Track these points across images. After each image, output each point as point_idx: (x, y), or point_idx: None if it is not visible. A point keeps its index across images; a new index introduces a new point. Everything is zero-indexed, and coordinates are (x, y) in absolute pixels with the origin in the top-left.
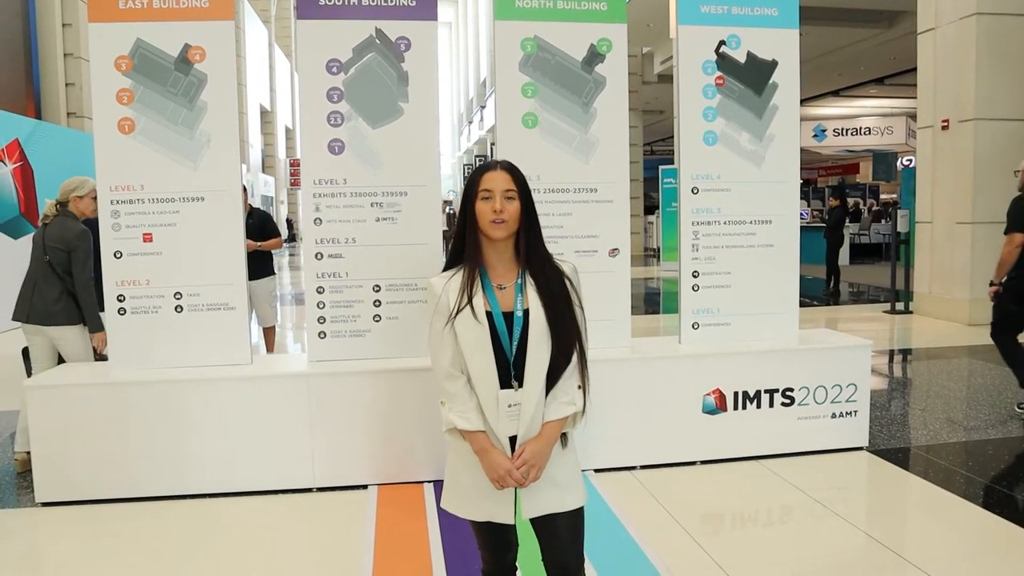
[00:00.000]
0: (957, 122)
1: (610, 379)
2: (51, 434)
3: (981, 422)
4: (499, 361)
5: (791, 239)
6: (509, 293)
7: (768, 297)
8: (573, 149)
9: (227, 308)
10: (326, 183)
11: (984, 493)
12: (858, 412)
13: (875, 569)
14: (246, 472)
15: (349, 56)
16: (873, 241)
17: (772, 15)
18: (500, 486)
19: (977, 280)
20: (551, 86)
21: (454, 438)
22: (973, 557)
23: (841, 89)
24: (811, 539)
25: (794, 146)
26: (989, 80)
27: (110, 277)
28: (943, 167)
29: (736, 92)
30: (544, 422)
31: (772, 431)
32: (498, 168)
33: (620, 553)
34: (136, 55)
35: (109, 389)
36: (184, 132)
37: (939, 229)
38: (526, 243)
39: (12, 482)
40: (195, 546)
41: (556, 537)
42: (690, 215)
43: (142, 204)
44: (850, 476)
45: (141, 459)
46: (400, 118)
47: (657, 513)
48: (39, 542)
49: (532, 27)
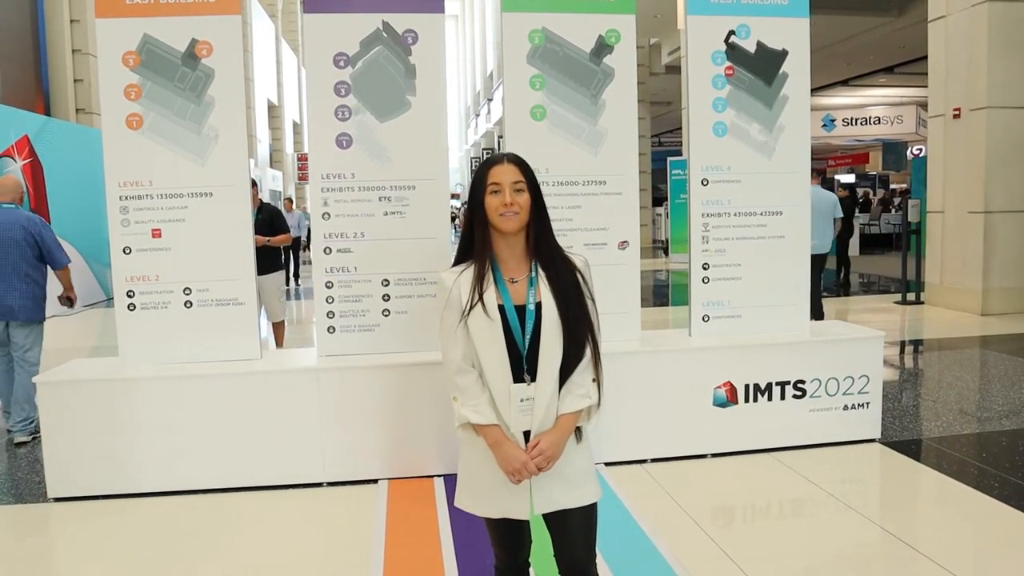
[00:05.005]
0: (969, 110)
1: (620, 372)
2: (62, 430)
3: (994, 413)
4: (512, 355)
5: (802, 230)
6: (521, 287)
7: (779, 289)
8: (582, 141)
9: (236, 303)
10: (334, 177)
11: (998, 484)
12: (870, 404)
13: (889, 561)
14: (256, 467)
15: (356, 50)
16: (883, 231)
17: (782, 4)
18: (516, 479)
19: (989, 270)
20: (559, 78)
21: (467, 434)
22: (987, 549)
23: (851, 78)
24: (824, 532)
25: (804, 137)
26: (1001, 68)
27: (119, 273)
28: (954, 156)
29: (746, 82)
30: (559, 414)
31: (784, 423)
32: (505, 161)
33: (632, 547)
34: (143, 51)
35: (119, 385)
36: (192, 127)
37: (951, 218)
38: (536, 236)
39: (25, 478)
40: (207, 541)
41: (568, 533)
42: (700, 207)
43: (151, 200)
44: (863, 468)
45: (152, 455)
46: (408, 111)
47: (668, 507)
48: (53, 538)
49: (540, 19)
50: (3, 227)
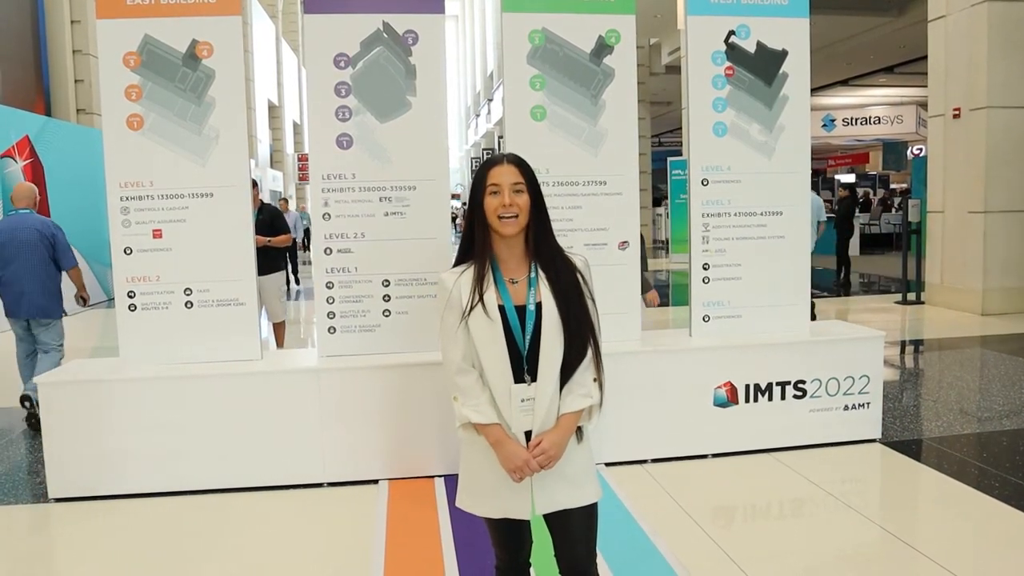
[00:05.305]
0: (969, 110)
1: (620, 372)
2: (63, 430)
3: (995, 413)
4: (512, 356)
5: (802, 230)
6: (521, 287)
7: (779, 289)
8: (582, 142)
9: (237, 304)
10: (335, 178)
11: (999, 484)
12: (871, 404)
13: (889, 562)
14: (257, 468)
15: (357, 50)
16: (883, 231)
17: (782, 4)
18: (518, 477)
19: (990, 269)
20: (559, 78)
21: (468, 433)
22: (988, 549)
23: (851, 78)
24: (824, 532)
25: (805, 137)
26: (1001, 68)
27: (120, 273)
28: (954, 156)
29: (746, 82)
30: (561, 414)
31: (784, 424)
32: (505, 162)
33: (632, 547)
34: (144, 51)
35: (120, 385)
36: (193, 128)
37: (951, 218)
38: (536, 237)
39: (25, 479)
40: (207, 541)
41: (569, 533)
42: (700, 207)
43: (151, 200)
44: (863, 468)
45: (152, 455)
46: (408, 112)
47: (669, 507)
48: (53, 538)
49: (540, 19)
50: (20, 231)
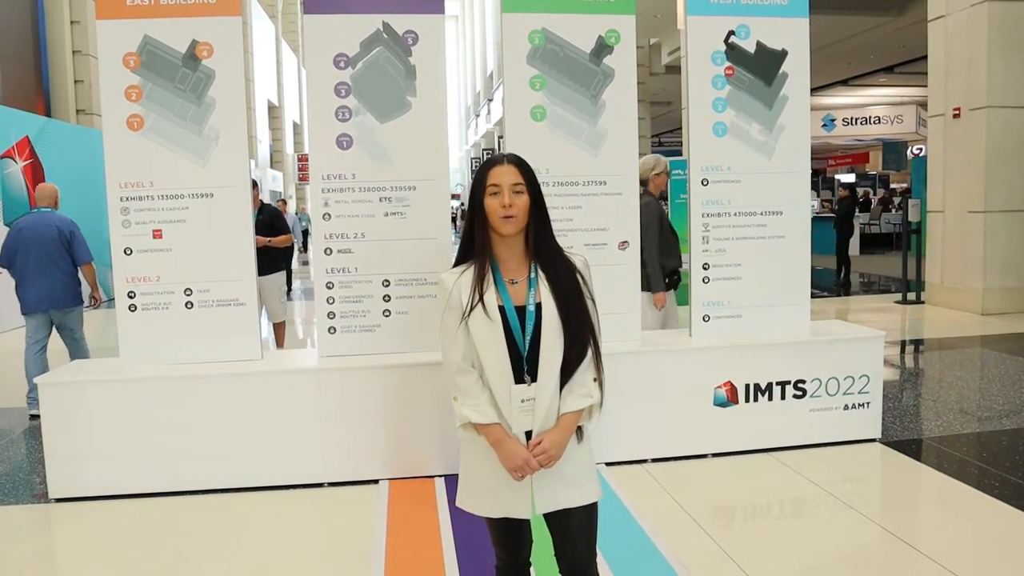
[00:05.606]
0: (969, 110)
1: (621, 372)
2: (63, 430)
3: (995, 412)
4: (512, 356)
5: (802, 230)
6: (521, 288)
7: (779, 289)
8: (582, 142)
9: (237, 304)
10: (334, 178)
11: (999, 484)
12: (871, 404)
13: (889, 561)
14: (257, 468)
15: (356, 50)
16: (884, 231)
17: (781, 4)
18: (519, 476)
19: (990, 269)
20: (559, 79)
21: (469, 433)
22: (988, 549)
23: (850, 78)
24: (824, 532)
25: (804, 136)
26: (1001, 67)
27: (120, 274)
28: (954, 156)
29: (746, 82)
30: (561, 414)
31: (784, 423)
32: (505, 162)
33: (632, 547)
34: (144, 52)
35: (120, 385)
36: (193, 128)
37: (951, 218)
38: (536, 237)
39: (26, 479)
40: (208, 541)
41: (569, 532)
42: (700, 207)
43: (151, 200)
44: (863, 468)
45: (152, 455)
46: (408, 112)
47: (669, 506)
48: (53, 538)
49: (540, 19)
50: (42, 228)
